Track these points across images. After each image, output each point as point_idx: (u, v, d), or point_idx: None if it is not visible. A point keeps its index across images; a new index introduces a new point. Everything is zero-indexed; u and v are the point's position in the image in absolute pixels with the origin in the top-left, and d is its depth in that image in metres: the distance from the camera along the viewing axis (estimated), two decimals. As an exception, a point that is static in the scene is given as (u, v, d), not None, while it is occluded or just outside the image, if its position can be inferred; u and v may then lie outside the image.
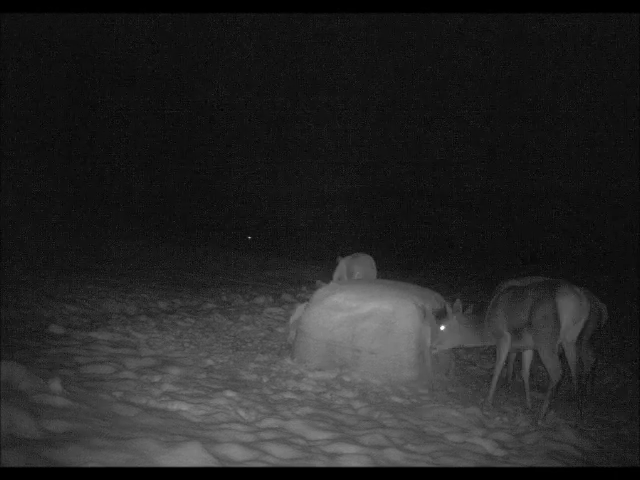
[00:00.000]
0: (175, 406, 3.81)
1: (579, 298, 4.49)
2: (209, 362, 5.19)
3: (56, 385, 3.52)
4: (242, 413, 3.87)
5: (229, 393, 4.21)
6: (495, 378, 4.95)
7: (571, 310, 4.46)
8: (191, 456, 2.85)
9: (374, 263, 8.11)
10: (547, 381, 6.06)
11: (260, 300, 9.12)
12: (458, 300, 5.20)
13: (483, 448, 3.75)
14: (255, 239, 20.15)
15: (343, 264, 8.10)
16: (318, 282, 6.63)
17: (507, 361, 5.43)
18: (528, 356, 5.12)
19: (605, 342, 7.48)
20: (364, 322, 5.36)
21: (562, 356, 5.64)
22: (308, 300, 6.13)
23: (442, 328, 5.19)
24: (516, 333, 4.78)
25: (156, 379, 4.42)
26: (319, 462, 3.16)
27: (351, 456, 3.27)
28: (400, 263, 17.46)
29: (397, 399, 4.71)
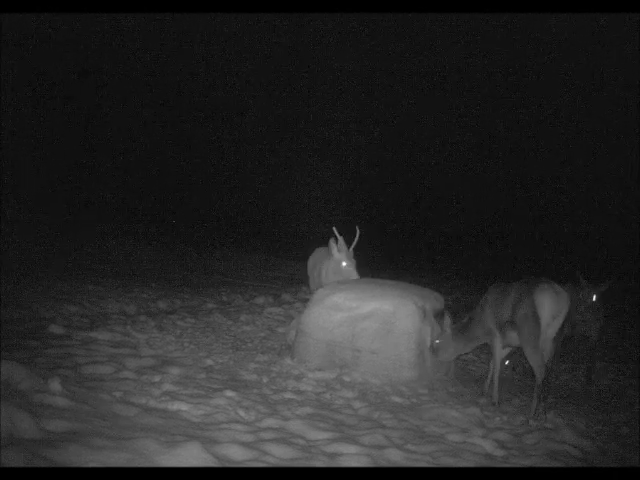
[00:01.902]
0: (175, 406, 3.81)
1: (557, 294, 4.51)
2: (209, 362, 5.19)
3: (56, 385, 3.52)
4: (242, 413, 3.87)
5: (229, 393, 4.21)
6: (496, 376, 4.97)
7: (549, 306, 4.48)
8: (191, 456, 2.85)
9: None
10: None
11: (260, 300, 9.12)
12: (447, 317, 5.27)
13: (483, 448, 3.75)
14: (246, 236, 20.12)
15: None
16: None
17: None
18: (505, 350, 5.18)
19: (605, 342, 7.48)
20: (364, 322, 5.36)
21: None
22: (308, 300, 6.13)
23: (437, 342, 5.31)
24: (501, 330, 4.84)
25: (156, 379, 4.42)
26: (319, 462, 3.16)
27: (351, 456, 3.28)
28: (400, 263, 17.46)
29: (397, 399, 4.71)
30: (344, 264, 6.34)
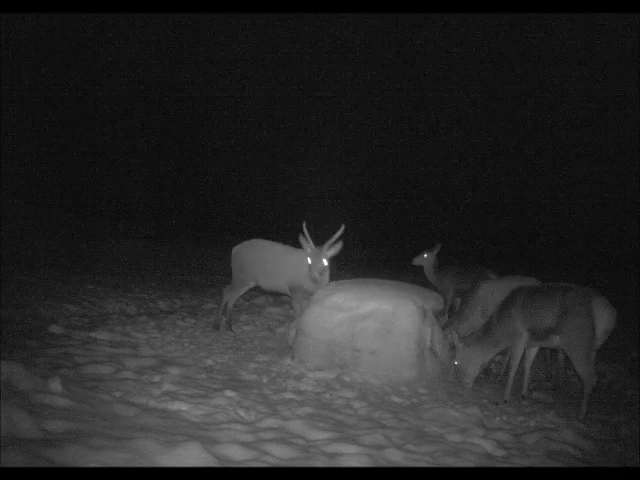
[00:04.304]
0: (175, 406, 3.81)
1: (613, 310, 4.60)
2: (209, 362, 5.19)
3: (56, 385, 3.51)
4: (242, 413, 3.87)
5: (229, 393, 4.21)
6: (512, 374, 4.99)
7: (607, 319, 4.55)
8: (191, 456, 2.84)
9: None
10: (550, 382, 6.06)
11: (260, 300, 9.12)
12: (451, 334, 5.30)
13: (483, 448, 3.75)
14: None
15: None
16: None
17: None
18: (534, 350, 5.21)
19: (605, 342, 7.48)
20: (364, 322, 5.36)
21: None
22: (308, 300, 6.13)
23: (456, 363, 5.31)
24: (538, 334, 4.85)
25: (156, 379, 4.42)
26: (319, 462, 3.15)
27: (351, 456, 3.27)
28: (399, 263, 17.46)
29: (397, 399, 4.71)
30: (309, 260, 5.94)
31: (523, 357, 5.27)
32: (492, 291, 5.92)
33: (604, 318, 4.53)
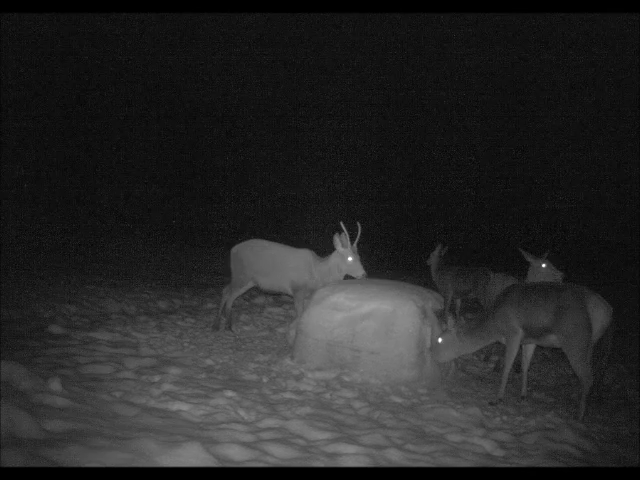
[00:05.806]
0: (175, 406, 3.81)
1: (608, 307, 4.58)
2: (209, 362, 5.19)
3: (56, 385, 3.52)
4: (242, 413, 3.87)
5: (229, 393, 4.21)
6: (506, 372, 4.97)
7: (602, 318, 4.53)
8: (191, 456, 2.84)
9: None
10: (550, 381, 6.07)
11: (260, 300, 9.12)
12: (450, 317, 5.25)
13: (483, 448, 3.75)
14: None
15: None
16: None
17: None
18: (531, 347, 5.18)
19: (603, 341, 7.48)
20: (364, 322, 5.36)
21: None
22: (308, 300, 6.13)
23: (440, 341, 5.24)
24: (534, 332, 4.83)
25: (156, 379, 4.42)
26: (319, 462, 3.15)
27: (351, 456, 3.27)
28: (400, 263, 17.46)
29: (397, 399, 4.71)
30: (350, 259, 6.18)
31: (520, 356, 5.27)
32: None
33: (599, 316, 4.51)
